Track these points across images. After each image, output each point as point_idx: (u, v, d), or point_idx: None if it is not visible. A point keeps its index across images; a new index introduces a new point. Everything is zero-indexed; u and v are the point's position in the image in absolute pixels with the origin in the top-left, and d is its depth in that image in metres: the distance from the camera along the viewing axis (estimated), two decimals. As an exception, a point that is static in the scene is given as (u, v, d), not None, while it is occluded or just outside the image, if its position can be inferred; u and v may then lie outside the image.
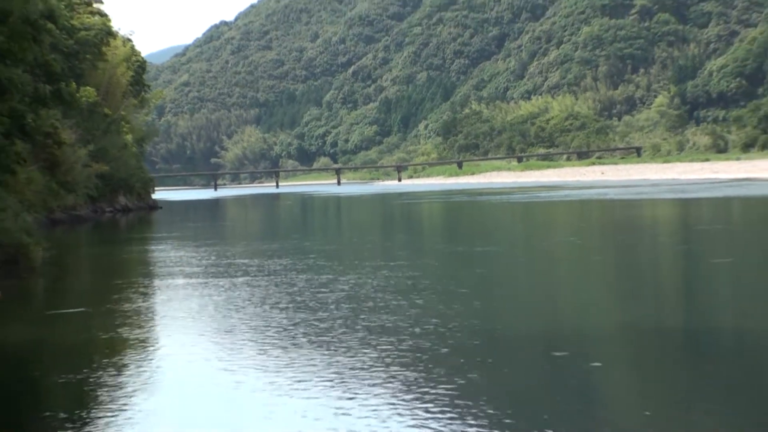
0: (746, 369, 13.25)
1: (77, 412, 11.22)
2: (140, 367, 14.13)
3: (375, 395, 11.54)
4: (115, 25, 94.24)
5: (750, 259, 27.36)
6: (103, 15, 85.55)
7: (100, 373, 13.41)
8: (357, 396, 11.49)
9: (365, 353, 14.01)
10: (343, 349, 14.38)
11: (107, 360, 14.55)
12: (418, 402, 11.11)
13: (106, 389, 12.47)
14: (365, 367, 13.10)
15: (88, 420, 10.79)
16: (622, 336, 16.18)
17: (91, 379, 12.99)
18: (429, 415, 10.51)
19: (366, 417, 10.53)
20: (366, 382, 12.25)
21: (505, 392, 11.82)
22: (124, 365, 14.25)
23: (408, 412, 10.69)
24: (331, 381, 12.36)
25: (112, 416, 10.88)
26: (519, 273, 26.83)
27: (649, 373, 13.60)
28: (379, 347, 14.41)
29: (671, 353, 14.58)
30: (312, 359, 13.81)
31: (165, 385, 12.87)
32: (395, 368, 12.91)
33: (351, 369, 13.00)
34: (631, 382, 13.13)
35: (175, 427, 10.86)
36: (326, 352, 14.23)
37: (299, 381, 12.39)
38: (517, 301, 20.94)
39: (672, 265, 27.84)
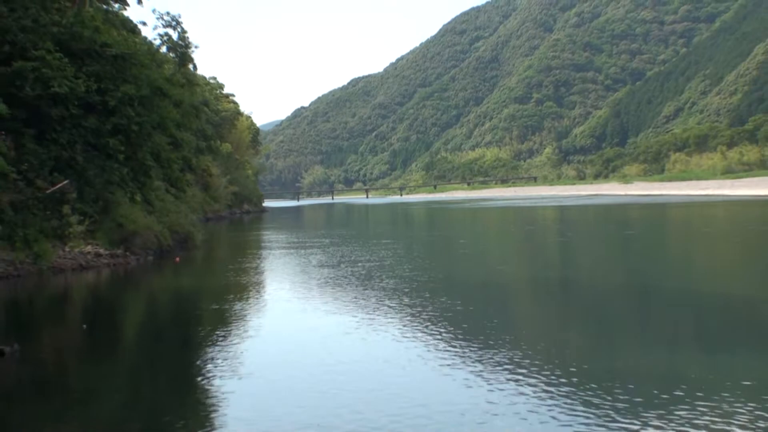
0: (586, 292, 13.68)
1: (223, 326, 11.42)
2: (257, 299, 14.50)
3: (373, 312, 11.83)
4: (242, 108, 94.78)
5: (583, 237, 27.85)
6: (235, 103, 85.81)
7: (235, 303, 13.63)
8: (367, 310, 11.86)
9: (372, 290, 14.30)
10: (360, 288, 14.60)
11: (238, 295, 14.69)
12: (399, 315, 11.42)
13: (238, 312, 12.85)
14: (369, 296, 13.40)
15: (228, 332, 10.98)
16: (523, 280, 16.41)
17: (230, 307, 13.21)
18: (410, 324, 10.82)
19: (372, 323, 10.90)
20: (369, 306, 12.53)
21: (455, 310, 11.89)
22: (248, 298, 14.43)
23: (398, 323, 10.98)
24: (353, 306, 12.69)
25: (243, 330, 11.19)
26: (461, 246, 26.70)
27: (540, 301, 14.02)
28: (376, 285, 14.64)
29: (548, 287, 14.91)
30: (347, 293, 14.11)
31: (271, 310, 13.19)
32: (389, 301, 13.18)
33: (360, 298, 13.32)
34: (531, 306, 13.51)
35: (277, 331, 11.26)
36: (358, 289, 14.49)
37: (336, 306, 12.74)
38: (459, 261, 20.95)
39: (548, 240, 27.82)
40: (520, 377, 7.51)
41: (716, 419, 6.07)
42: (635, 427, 5.95)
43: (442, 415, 6.46)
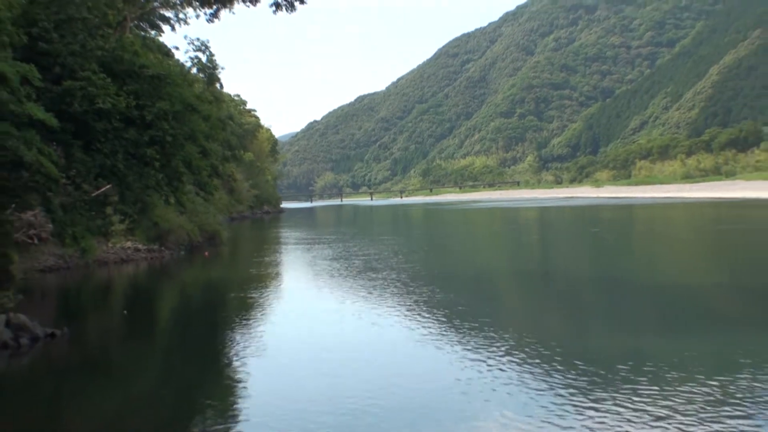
0: (561, 282, 13.60)
1: (246, 312, 11.40)
2: (276, 288, 14.50)
3: (376, 299, 11.78)
4: (262, 121, 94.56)
5: (560, 233, 27.67)
6: (256, 117, 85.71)
7: (257, 291, 13.62)
8: (370, 297, 11.83)
9: (375, 280, 14.21)
10: (365, 279, 14.44)
11: (260, 285, 14.68)
12: (399, 301, 11.38)
13: (259, 299, 12.85)
14: (372, 286, 13.33)
15: (251, 316, 10.96)
16: (508, 273, 16.41)
17: (252, 295, 13.22)
18: (408, 306, 10.79)
19: (375, 306, 10.86)
20: (373, 294, 12.49)
21: (448, 298, 11.90)
22: (268, 287, 14.42)
23: (397, 309, 10.94)
24: (359, 294, 12.61)
25: (264, 315, 11.24)
26: (454, 241, 26.63)
27: (523, 289, 14.00)
28: (378, 276, 14.55)
29: (528, 277, 14.84)
30: (352, 281, 14.06)
31: (289, 298, 13.22)
32: (389, 289, 13.11)
33: (365, 287, 13.27)
34: (514, 294, 13.47)
35: (294, 315, 11.27)
36: (363, 279, 14.41)
37: (345, 294, 12.68)
38: (451, 256, 20.82)
39: (530, 237, 27.64)
40: (503, 357, 7.51)
41: (674, 392, 6.08)
42: (602, 400, 5.96)
43: (433, 392, 6.46)
